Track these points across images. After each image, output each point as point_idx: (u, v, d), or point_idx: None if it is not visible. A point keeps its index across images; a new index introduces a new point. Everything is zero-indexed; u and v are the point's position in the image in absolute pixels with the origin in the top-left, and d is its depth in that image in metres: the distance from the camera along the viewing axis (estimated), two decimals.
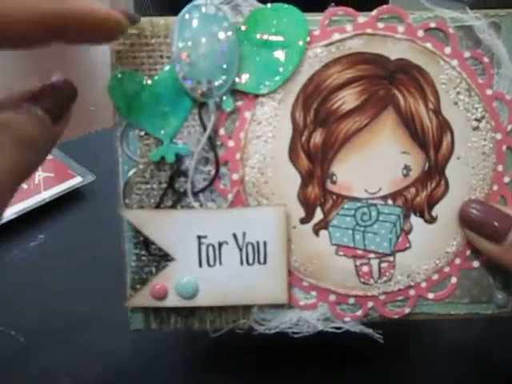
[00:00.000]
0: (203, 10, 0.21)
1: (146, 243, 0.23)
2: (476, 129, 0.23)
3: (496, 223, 0.22)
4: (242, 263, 0.23)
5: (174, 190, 0.23)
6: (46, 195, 0.41)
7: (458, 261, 0.24)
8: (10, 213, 0.39)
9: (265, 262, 0.23)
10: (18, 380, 0.28)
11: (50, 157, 0.45)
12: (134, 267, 0.23)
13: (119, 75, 0.22)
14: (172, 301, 0.23)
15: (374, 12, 0.22)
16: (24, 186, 0.41)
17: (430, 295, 0.24)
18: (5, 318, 0.31)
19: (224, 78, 0.21)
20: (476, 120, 0.23)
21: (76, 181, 0.43)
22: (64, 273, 0.35)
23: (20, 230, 0.39)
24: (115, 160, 0.49)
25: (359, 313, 0.24)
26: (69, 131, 0.52)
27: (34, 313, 0.32)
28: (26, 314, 0.32)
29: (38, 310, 0.32)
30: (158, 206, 0.23)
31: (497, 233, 0.22)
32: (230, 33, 0.21)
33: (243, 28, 0.22)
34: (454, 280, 0.24)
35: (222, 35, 0.21)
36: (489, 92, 0.23)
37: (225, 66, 0.21)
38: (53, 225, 0.39)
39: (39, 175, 0.43)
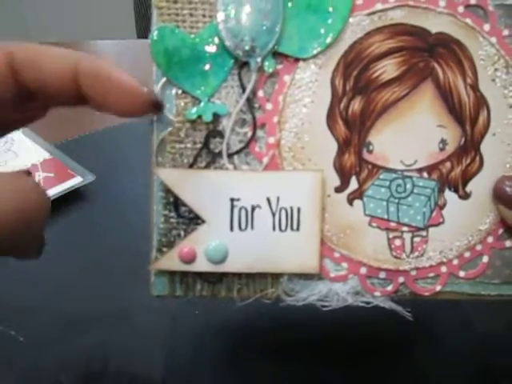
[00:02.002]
0: None
1: (175, 204, 0.21)
2: None
3: None
4: (274, 229, 0.21)
5: (208, 150, 0.21)
6: None
7: (490, 239, 0.22)
8: None
9: (298, 229, 0.21)
10: (18, 380, 0.27)
11: (49, 157, 0.44)
12: (162, 229, 0.21)
13: (161, 31, 0.21)
14: (200, 265, 0.21)
15: None
16: None
17: (462, 273, 0.22)
18: (5, 318, 0.30)
19: (267, 37, 0.20)
20: None
21: (76, 181, 0.41)
22: (64, 273, 0.33)
23: None
24: (115, 160, 0.46)
25: (390, 288, 0.22)
26: (69, 131, 0.49)
27: (33, 313, 0.31)
28: (26, 313, 0.31)
29: (37, 309, 0.31)
30: (191, 166, 0.21)
31: None
32: None
33: None
34: (485, 259, 0.22)
35: None
36: None
37: (269, 26, 0.20)
38: (53, 225, 0.38)
39: (39, 175, 0.42)
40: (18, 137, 0.47)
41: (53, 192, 0.40)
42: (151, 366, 0.28)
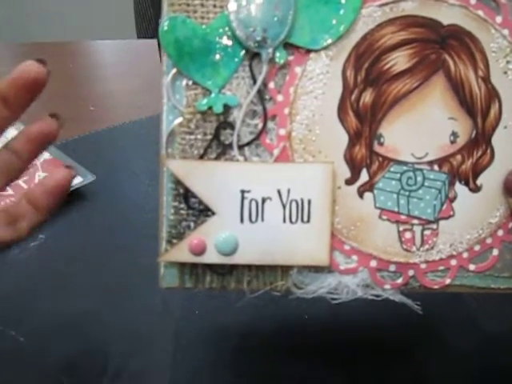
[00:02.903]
0: None
1: (185, 196, 0.21)
2: None
3: None
4: (284, 221, 0.20)
5: (219, 141, 0.20)
6: None
7: (500, 232, 0.22)
8: None
9: (308, 221, 0.21)
10: (18, 380, 0.27)
11: (49, 157, 0.43)
12: (172, 221, 0.21)
13: (171, 21, 0.20)
14: (210, 257, 0.20)
15: None
16: (24, 185, 0.40)
17: (471, 266, 0.22)
18: (5, 317, 0.30)
19: (279, 28, 0.20)
20: None
21: (76, 181, 0.40)
22: (64, 272, 0.33)
23: None
24: (115, 160, 0.46)
25: (399, 281, 0.21)
26: (69, 131, 0.48)
27: (33, 313, 0.30)
28: (26, 313, 0.30)
29: (37, 309, 0.31)
30: (201, 158, 0.20)
31: None
32: None
33: None
34: (495, 252, 0.22)
35: None
36: None
37: (280, 17, 0.20)
38: (53, 225, 0.38)
39: (39, 175, 0.41)
40: None
41: None
42: (151, 365, 0.27)
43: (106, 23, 1.50)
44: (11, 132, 0.44)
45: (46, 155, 0.43)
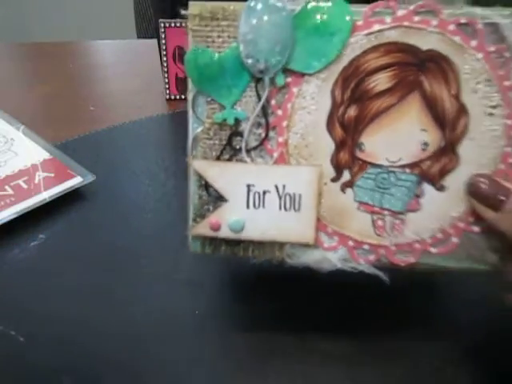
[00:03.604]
0: (266, 0, 0.24)
1: (206, 186, 0.26)
2: (490, 115, 0.24)
3: (496, 194, 0.24)
4: (280, 208, 0.26)
5: (231, 146, 0.26)
6: (46, 195, 0.38)
7: (461, 225, 0.26)
8: (10, 213, 0.36)
9: (299, 210, 0.26)
10: (18, 380, 0.26)
11: (49, 157, 0.43)
12: (196, 204, 0.27)
13: (194, 51, 0.25)
14: (224, 233, 0.26)
15: (413, 6, 0.24)
16: (24, 185, 0.39)
17: (433, 250, 0.26)
18: (5, 318, 0.30)
19: (278, 58, 0.24)
20: (491, 107, 0.24)
21: (76, 181, 0.40)
22: (64, 273, 0.33)
23: (20, 230, 0.36)
24: (115, 160, 0.45)
25: (372, 257, 0.27)
26: (69, 131, 0.49)
27: (33, 313, 0.30)
28: (26, 313, 0.30)
29: (38, 309, 0.30)
30: (217, 158, 0.26)
31: (495, 202, 0.24)
32: (286, 21, 0.24)
33: (298, 16, 0.24)
34: (455, 240, 0.26)
35: (279, 22, 0.24)
36: (506, 83, 0.24)
37: (280, 48, 0.24)
38: (53, 225, 0.37)
39: (39, 175, 0.40)
40: (18, 137, 0.46)
41: (53, 192, 0.39)
42: (152, 365, 0.27)
43: (106, 23, 1.46)
44: (11, 132, 0.46)
45: (45, 155, 0.43)
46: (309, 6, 0.23)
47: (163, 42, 0.54)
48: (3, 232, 0.36)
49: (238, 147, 0.25)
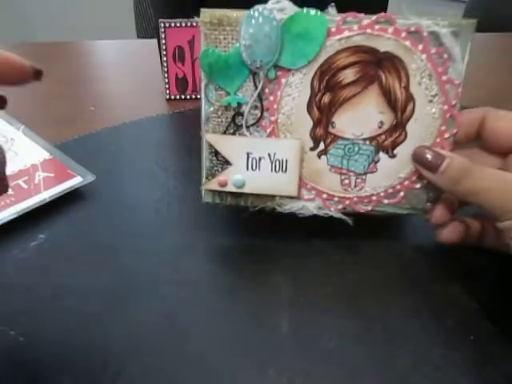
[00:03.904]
0: (261, 11, 0.30)
1: (216, 153, 0.34)
2: (431, 101, 0.32)
3: (433, 160, 0.31)
4: (272, 170, 0.34)
5: (234, 123, 0.33)
6: (46, 195, 0.38)
7: (406, 182, 0.34)
8: (10, 213, 0.36)
9: (286, 171, 0.34)
10: (18, 380, 0.26)
11: (49, 157, 0.42)
12: (208, 166, 0.35)
13: (205, 50, 0.32)
14: (229, 188, 0.35)
15: (374, 17, 0.30)
16: (24, 185, 0.39)
17: (386, 201, 0.35)
18: (5, 318, 0.29)
19: (270, 57, 0.31)
20: (432, 96, 0.31)
21: (76, 181, 0.40)
22: (64, 273, 0.33)
23: (20, 230, 0.36)
24: (115, 160, 0.45)
25: (340, 206, 0.35)
26: (69, 131, 0.49)
27: (33, 313, 0.30)
28: (26, 313, 0.30)
29: (37, 309, 0.30)
30: (224, 133, 0.33)
31: (433, 166, 0.31)
32: (276, 28, 0.30)
33: (286, 24, 0.31)
34: (402, 194, 0.34)
35: (271, 30, 0.30)
36: (444, 78, 0.31)
37: (271, 50, 0.31)
38: (53, 225, 0.37)
39: (39, 175, 0.40)
40: (18, 137, 0.45)
41: (53, 192, 0.38)
42: (152, 365, 0.27)
43: (106, 23, 1.42)
44: (11, 132, 0.46)
45: (45, 155, 0.43)
46: (294, 16, 0.30)
47: (163, 41, 0.54)
48: (3, 232, 0.35)
49: (239, 124, 0.33)
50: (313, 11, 0.30)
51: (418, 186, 0.34)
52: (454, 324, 0.30)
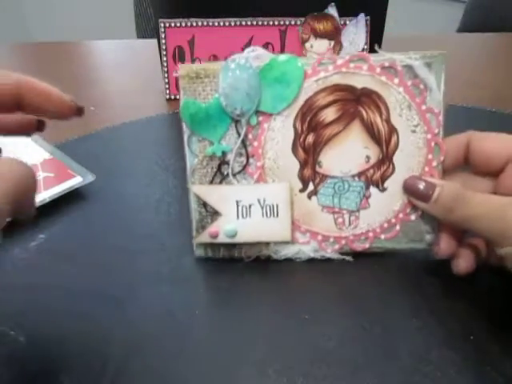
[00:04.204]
0: (237, 61, 0.31)
1: (204, 204, 0.34)
2: (414, 132, 0.32)
3: (424, 189, 0.30)
4: (263, 216, 0.33)
5: (220, 172, 0.33)
6: (46, 195, 0.38)
7: (401, 215, 0.34)
8: None
9: (277, 216, 0.33)
10: (18, 380, 0.26)
11: (49, 157, 0.42)
12: (198, 219, 0.34)
13: (185, 102, 0.32)
14: (221, 239, 0.33)
15: (347, 57, 0.31)
16: None
17: (382, 236, 0.34)
18: (5, 318, 0.29)
19: (250, 104, 0.31)
20: (414, 126, 0.32)
21: (76, 181, 0.40)
22: (64, 273, 0.33)
23: (20, 230, 0.36)
24: (115, 160, 0.45)
25: (336, 247, 0.34)
26: (69, 131, 0.48)
27: (33, 313, 0.30)
28: (26, 313, 0.30)
29: (37, 309, 0.30)
30: (211, 183, 0.33)
31: (425, 195, 0.30)
32: (254, 75, 0.31)
33: (263, 71, 0.31)
34: (397, 227, 0.34)
35: (249, 77, 0.31)
36: (423, 107, 0.32)
37: (251, 97, 0.31)
38: (53, 225, 0.37)
39: (39, 175, 0.40)
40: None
41: (53, 192, 0.38)
42: (151, 365, 0.27)
43: (106, 23, 1.45)
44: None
45: (45, 155, 0.42)
46: (270, 62, 0.31)
47: (163, 41, 0.55)
48: (3, 232, 0.36)
49: (226, 173, 0.33)
50: (287, 56, 0.31)
51: (412, 217, 0.33)
52: (454, 324, 0.29)
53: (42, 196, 0.38)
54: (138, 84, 0.62)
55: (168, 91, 0.58)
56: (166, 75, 0.58)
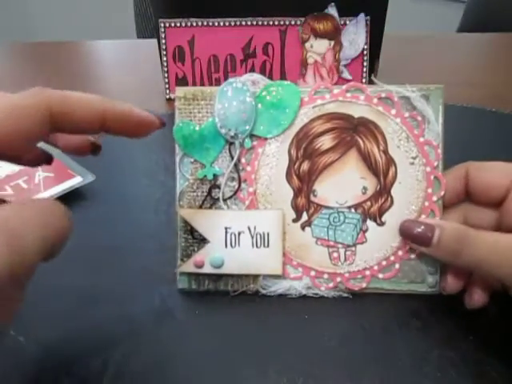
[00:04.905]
0: (234, 84, 0.31)
1: (191, 231, 0.32)
2: (412, 164, 0.31)
3: (422, 233, 0.28)
4: (253, 246, 0.31)
5: (211, 197, 0.31)
6: (46, 195, 0.38)
7: (400, 252, 0.31)
8: None
9: (268, 246, 0.31)
10: (18, 380, 0.26)
11: None
12: (183, 246, 0.32)
13: (180, 123, 0.31)
14: (207, 269, 0.31)
15: (344, 86, 0.31)
16: (24, 185, 0.39)
17: (380, 275, 0.31)
18: None
19: (245, 127, 0.31)
20: (412, 158, 0.31)
21: (76, 181, 0.40)
22: (64, 273, 0.32)
23: None
24: (115, 160, 0.44)
25: (331, 284, 0.31)
26: None
27: (33, 313, 0.29)
28: (26, 313, 0.29)
29: (38, 309, 0.30)
30: (200, 207, 0.31)
31: (424, 239, 0.28)
32: (250, 99, 0.30)
33: (259, 96, 0.31)
34: (397, 266, 0.31)
35: (245, 101, 0.31)
36: (421, 139, 0.31)
37: (246, 120, 0.30)
38: None
39: (39, 175, 0.40)
40: None
41: (53, 192, 0.38)
42: (152, 365, 0.27)
43: (106, 23, 1.47)
44: None
45: None
46: (267, 87, 0.30)
47: (163, 41, 0.54)
48: None
49: (216, 197, 0.31)
50: (285, 82, 0.31)
51: (413, 256, 0.31)
52: (454, 324, 0.29)
53: (42, 196, 0.38)
54: (138, 84, 0.62)
55: (168, 91, 0.57)
56: (166, 75, 0.57)
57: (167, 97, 0.58)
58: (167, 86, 0.58)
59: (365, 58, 0.57)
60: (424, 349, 0.27)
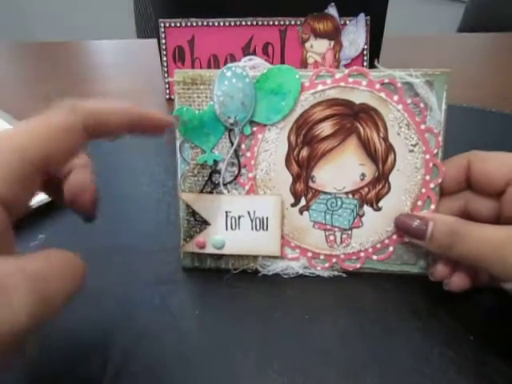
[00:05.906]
0: (234, 69, 0.30)
1: (193, 213, 0.33)
2: (411, 151, 0.30)
3: (416, 226, 0.29)
4: (252, 229, 0.32)
5: (211, 181, 0.32)
6: (46, 195, 0.37)
7: (395, 236, 0.32)
8: None
9: (267, 229, 0.32)
10: (18, 380, 0.26)
11: None
12: (186, 228, 0.33)
13: (179, 109, 0.31)
14: (208, 249, 0.32)
15: (347, 71, 0.30)
16: None
17: (374, 257, 0.32)
18: None
19: (245, 114, 0.30)
20: (412, 145, 0.30)
21: None
22: None
23: (20, 230, 0.33)
24: (115, 160, 0.45)
25: (326, 265, 0.33)
26: None
27: None
28: None
29: None
30: (201, 191, 0.32)
31: (419, 233, 0.29)
32: (249, 85, 0.30)
33: (259, 81, 0.30)
34: (391, 249, 0.32)
35: (244, 87, 0.30)
36: (422, 127, 0.30)
37: (246, 106, 0.30)
38: (53, 225, 0.37)
39: None
40: None
41: None
42: (152, 365, 0.27)
43: (106, 23, 1.44)
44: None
45: None
46: (267, 72, 0.30)
47: (163, 41, 0.55)
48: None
49: (217, 182, 0.32)
50: (285, 67, 0.30)
51: (407, 240, 0.32)
52: (454, 324, 0.29)
53: (42, 196, 0.37)
54: (138, 84, 0.62)
55: (168, 91, 0.58)
56: (165, 75, 0.57)
57: (167, 97, 0.58)
58: (167, 85, 0.57)
59: (365, 58, 0.56)
60: (424, 349, 0.27)
